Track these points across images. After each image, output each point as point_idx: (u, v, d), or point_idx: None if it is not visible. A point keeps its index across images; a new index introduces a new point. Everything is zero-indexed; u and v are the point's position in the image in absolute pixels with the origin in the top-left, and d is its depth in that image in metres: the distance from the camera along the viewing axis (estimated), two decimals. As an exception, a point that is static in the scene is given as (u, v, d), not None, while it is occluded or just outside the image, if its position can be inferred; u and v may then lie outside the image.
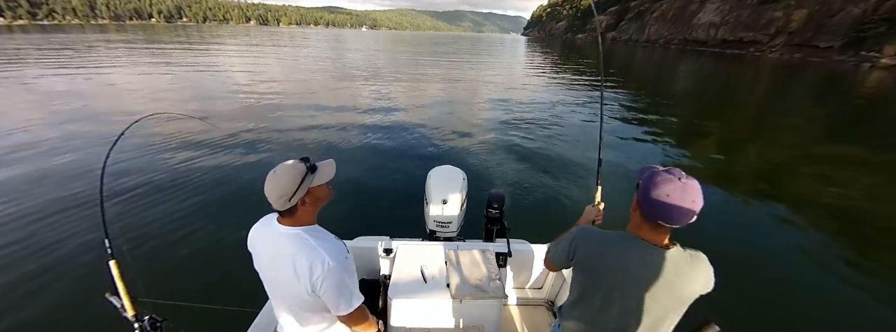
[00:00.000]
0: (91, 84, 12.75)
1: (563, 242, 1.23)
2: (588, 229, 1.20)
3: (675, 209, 0.92)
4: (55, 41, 33.63)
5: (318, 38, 72.13)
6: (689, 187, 0.93)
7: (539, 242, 2.29)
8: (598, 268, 1.09)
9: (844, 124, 11.51)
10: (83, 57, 20.93)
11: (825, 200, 5.57)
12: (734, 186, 5.87)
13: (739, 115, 12.44)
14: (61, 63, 17.77)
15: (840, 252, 4.09)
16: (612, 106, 12.06)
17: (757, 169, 7.08)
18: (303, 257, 1.05)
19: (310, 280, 1.05)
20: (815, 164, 7.25)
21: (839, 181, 6.29)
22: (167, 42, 39.03)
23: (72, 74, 14.68)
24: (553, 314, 2.24)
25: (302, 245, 1.07)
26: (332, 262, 1.05)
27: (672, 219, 0.94)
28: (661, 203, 0.94)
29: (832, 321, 3.08)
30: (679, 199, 0.92)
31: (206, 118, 8.27)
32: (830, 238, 4.39)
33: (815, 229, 4.57)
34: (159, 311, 1.32)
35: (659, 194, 0.94)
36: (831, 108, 14.61)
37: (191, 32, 74.42)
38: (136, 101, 10.56)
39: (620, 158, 6.92)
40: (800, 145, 8.65)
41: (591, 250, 1.11)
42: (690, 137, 9.06)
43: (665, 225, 0.97)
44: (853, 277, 3.63)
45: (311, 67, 21.50)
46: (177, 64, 19.59)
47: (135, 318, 1.25)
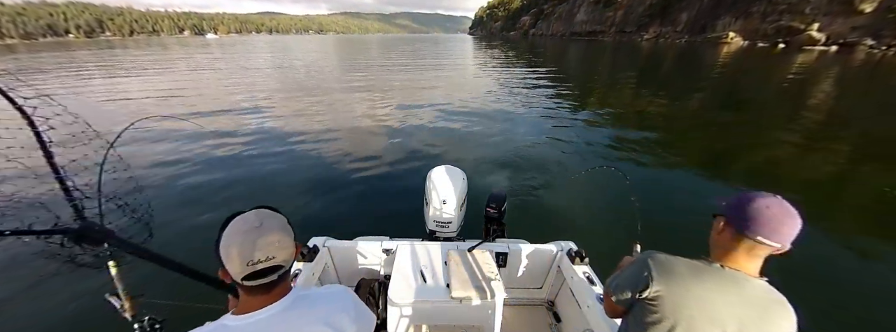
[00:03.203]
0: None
1: (627, 271, 1.02)
2: (662, 255, 0.97)
3: (777, 220, 0.83)
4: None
5: (275, 47, 61.60)
6: (787, 203, 0.86)
7: (539, 242, 2.29)
8: (679, 303, 0.89)
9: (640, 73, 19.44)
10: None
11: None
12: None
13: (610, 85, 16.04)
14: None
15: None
16: (547, 90, 13.90)
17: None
18: (320, 323, 0.81)
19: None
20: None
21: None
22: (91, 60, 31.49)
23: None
24: (552, 314, 2.27)
25: (310, 311, 0.82)
26: (353, 313, 0.87)
27: (776, 232, 0.83)
28: (762, 215, 0.84)
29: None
30: (779, 211, 0.84)
31: (204, 120, 8.48)
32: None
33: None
34: (159, 311, 1.27)
35: (758, 206, 0.85)
36: (650, 65, 25.12)
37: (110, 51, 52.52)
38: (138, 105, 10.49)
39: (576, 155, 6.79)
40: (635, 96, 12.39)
41: (672, 280, 0.91)
42: (640, 119, 9.81)
43: (766, 242, 0.84)
44: None
45: (292, 74, 20.91)
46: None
47: (134, 318, 1.21)
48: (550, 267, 2.27)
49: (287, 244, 0.77)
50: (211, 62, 27.25)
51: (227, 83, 15.97)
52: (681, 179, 5.74)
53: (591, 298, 1.80)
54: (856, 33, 43.86)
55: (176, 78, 17.84)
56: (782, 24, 51.84)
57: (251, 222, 0.75)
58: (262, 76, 19.02)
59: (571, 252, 2.11)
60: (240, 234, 0.74)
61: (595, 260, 2.08)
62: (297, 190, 5.04)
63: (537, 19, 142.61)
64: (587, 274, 1.96)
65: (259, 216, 0.77)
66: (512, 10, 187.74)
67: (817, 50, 41.45)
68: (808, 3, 49.03)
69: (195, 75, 18.87)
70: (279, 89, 14.16)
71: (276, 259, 0.75)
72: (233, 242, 0.74)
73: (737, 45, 54.91)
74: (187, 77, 18.17)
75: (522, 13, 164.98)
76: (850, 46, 42.33)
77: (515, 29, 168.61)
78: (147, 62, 27.78)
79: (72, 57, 35.20)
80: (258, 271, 0.73)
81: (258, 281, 0.74)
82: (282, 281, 0.79)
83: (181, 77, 18.18)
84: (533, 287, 2.38)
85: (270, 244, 0.74)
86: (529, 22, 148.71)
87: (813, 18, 48.39)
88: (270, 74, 20.16)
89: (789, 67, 23.24)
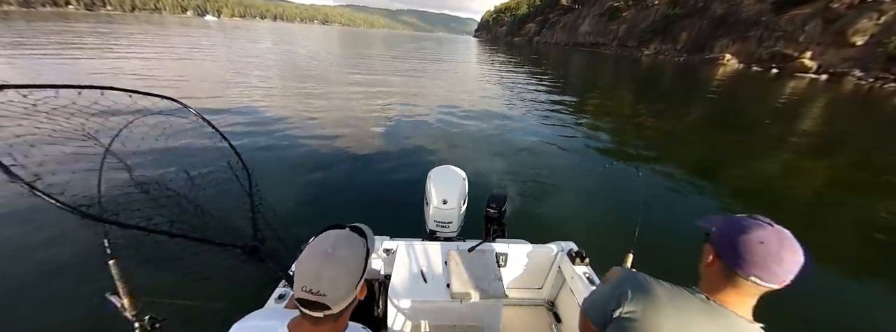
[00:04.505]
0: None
1: (602, 289, 0.97)
2: (641, 276, 0.90)
3: (775, 258, 0.72)
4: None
5: (278, 37, 59.76)
6: (785, 235, 0.75)
7: (539, 242, 2.30)
8: (654, 328, 0.79)
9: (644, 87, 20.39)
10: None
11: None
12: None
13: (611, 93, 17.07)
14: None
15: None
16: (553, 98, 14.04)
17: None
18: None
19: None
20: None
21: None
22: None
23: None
24: (553, 315, 2.26)
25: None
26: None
27: (773, 273, 0.73)
28: (757, 252, 0.74)
29: None
30: (777, 247, 0.73)
31: (209, 117, 6.08)
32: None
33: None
34: (159, 311, 1.29)
35: (749, 240, 0.75)
36: (645, 79, 27.00)
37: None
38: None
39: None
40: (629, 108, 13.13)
41: (649, 303, 0.82)
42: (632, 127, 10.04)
43: (761, 284, 0.74)
44: None
45: (304, 65, 21.04)
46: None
47: (135, 318, 1.23)
48: (550, 267, 2.28)
49: (344, 284, 0.70)
50: (206, 49, 26.41)
51: (224, 73, 15.39)
52: (682, 186, 5.80)
53: None
54: (846, 64, 45.41)
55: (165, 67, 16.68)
56: (777, 50, 53.28)
57: (326, 245, 0.72)
58: (260, 68, 18.63)
59: (571, 252, 2.13)
60: (309, 254, 0.71)
61: (595, 260, 2.10)
62: (297, 189, 5.01)
63: (542, 27, 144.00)
64: (587, 274, 1.97)
65: (337, 242, 0.72)
66: (518, 16, 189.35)
67: (809, 77, 42.94)
68: (803, 31, 50.51)
69: (185, 63, 17.67)
70: (277, 83, 13.96)
71: (327, 298, 0.69)
72: (300, 259, 0.72)
73: (732, 67, 56.28)
74: (174, 67, 16.95)
75: (528, 20, 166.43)
76: (840, 76, 43.84)
77: (520, 35, 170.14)
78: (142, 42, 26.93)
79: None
80: (306, 300, 0.69)
81: (305, 310, 0.71)
82: (334, 319, 0.74)
83: (168, 67, 16.86)
84: (533, 287, 2.39)
85: (325, 280, 0.69)
86: (534, 29, 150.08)
87: (806, 47, 49.88)
88: (271, 66, 19.60)
89: (782, 91, 24.22)
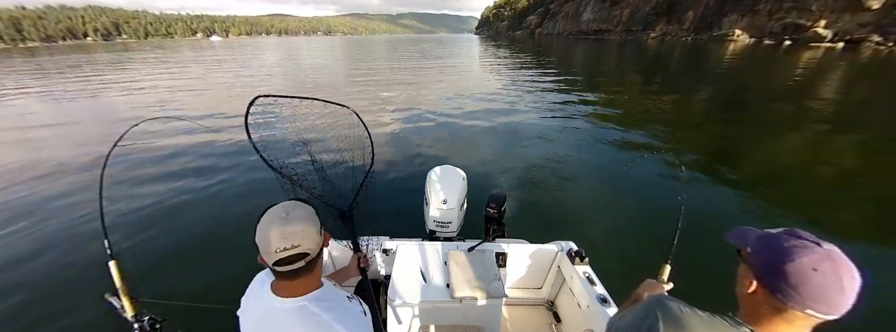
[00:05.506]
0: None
1: (631, 316, 0.86)
2: (675, 305, 0.79)
3: (833, 288, 0.62)
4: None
5: (282, 51, 58.20)
6: (836, 254, 0.65)
7: (539, 242, 2.29)
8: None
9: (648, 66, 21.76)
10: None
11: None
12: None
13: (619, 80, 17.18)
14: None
15: None
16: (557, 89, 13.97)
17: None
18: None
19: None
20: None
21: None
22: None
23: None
24: (553, 314, 2.26)
25: (312, 325, 0.84)
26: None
27: (830, 304, 0.63)
28: (810, 281, 0.63)
29: None
30: (833, 272, 0.62)
31: (204, 122, 8.34)
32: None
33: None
34: (159, 311, 1.29)
35: (800, 267, 0.64)
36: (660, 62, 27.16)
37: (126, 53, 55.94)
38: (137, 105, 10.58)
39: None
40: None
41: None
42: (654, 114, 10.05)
43: (818, 316, 0.64)
44: None
45: (305, 71, 21.79)
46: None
47: (135, 318, 1.24)
48: (550, 267, 2.29)
49: (311, 233, 0.83)
50: (212, 65, 27.58)
51: (228, 82, 16.42)
52: (720, 182, 5.31)
53: (591, 298, 1.81)
54: (863, 30, 43.77)
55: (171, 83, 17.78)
56: (788, 21, 51.80)
57: (279, 213, 0.83)
58: (261, 77, 19.62)
59: (571, 252, 2.14)
60: (268, 224, 0.82)
61: (595, 260, 2.09)
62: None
63: (543, 19, 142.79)
64: (587, 274, 1.96)
65: (286, 208, 0.85)
66: (518, 10, 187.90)
67: (824, 46, 41.55)
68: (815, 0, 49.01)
69: (187, 79, 18.65)
70: (280, 88, 14.82)
71: (301, 247, 0.81)
72: (262, 231, 0.81)
73: (743, 42, 54.99)
74: (179, 82, 18.17)
75: (529, 13, 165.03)
76: (857, 43, 42.31)
77: (522, 28, 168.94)
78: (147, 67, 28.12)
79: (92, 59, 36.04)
80: (285, 258, 0.80)
81: (286, 267, 0.82)
82: (310, 268, 0.86)
83: (173, 82, 18.15)
84: (533, 287, 2.40)
85: (294, 234, 0.80)
86: (536, 21, 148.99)
87: (819, 15, 48.33)
88: (272, 74, 20.93)
89: (796, 63, 23.29)
